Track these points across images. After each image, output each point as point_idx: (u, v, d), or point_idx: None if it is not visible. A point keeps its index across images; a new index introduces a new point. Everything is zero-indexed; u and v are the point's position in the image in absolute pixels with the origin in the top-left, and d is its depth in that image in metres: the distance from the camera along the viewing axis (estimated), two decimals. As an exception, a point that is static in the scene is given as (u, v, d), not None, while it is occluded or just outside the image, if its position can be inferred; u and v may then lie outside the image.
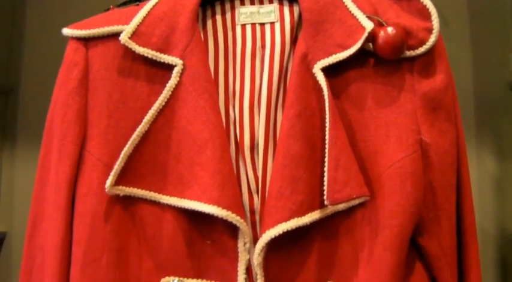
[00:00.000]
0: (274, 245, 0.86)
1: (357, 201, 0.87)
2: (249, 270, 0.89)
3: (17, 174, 1.34)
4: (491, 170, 1.33)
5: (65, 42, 0.94)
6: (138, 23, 0.90)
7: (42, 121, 0.95)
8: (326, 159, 0.86)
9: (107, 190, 0.86)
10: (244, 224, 0.86)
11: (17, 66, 1.37)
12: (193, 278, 0.88)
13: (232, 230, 0.88)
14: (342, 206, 0.87)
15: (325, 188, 0.85)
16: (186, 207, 0.87)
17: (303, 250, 0.89)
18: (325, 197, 0.84)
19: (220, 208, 0.84)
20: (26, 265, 0.93)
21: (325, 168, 0.85)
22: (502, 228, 1.32)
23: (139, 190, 0.89)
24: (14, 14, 1.36)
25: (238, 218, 0.85)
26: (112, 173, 0.86)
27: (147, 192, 0.89)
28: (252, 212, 0.90)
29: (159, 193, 0.89)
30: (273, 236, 0.85)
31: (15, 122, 1.36)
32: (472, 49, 1.36)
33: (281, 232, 0.85)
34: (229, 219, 0.85)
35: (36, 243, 0.93)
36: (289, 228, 0.85)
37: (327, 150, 0.86)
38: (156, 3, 0.92)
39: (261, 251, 0.86)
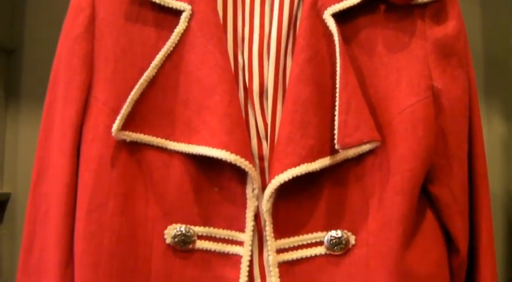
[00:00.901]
0: (283, 191, 0.85)
1: (367, 147, 0.86)
2: (257, 217, 0.87)
3: (21, 136, 1.33)
4: (500, 132, 1.32)
5: (68, 2, 0.93)
6: None
7: (46, 82, 0.94)
8: (337, 103, 0.84)
9: (113, 134, 0.85)
10: (253, 169, 0.84)
11: (20, 26, 1.35)
12: (200, 225, 0.87)
13: (241, 176, 0.86)
14: (352, 153, 0.86)
15: (335, 132, 0.83)
16: (194, 153, 0.85)
17: (312, 197, 0.88)
18: (335, 141, 0.83)
19: (228, 152, 0.83)
20: (31, 214, 0.92)
21: (336, 112, 0.84)
22: (510, 190, 1.30)
23: (146, 136, 0.87)
24: (16, -26, 1.35)
25: (247, 162, 0.84)
26: (119, 117, 0.85)
27: (154, 138, 0.87)
28: (261, 158, 0.89)
29: (166, 139, 0.87)
30: (282, 182, 0.83)
31: (18, 83, 1.34)
32: (482, 10, 1.35)
33: (290, 177, 0.83)
34: (238, 164, 0.83)
35: (41, 191, 0.91)
36: (299, 174, 0.84)
37: (337, 95, 0.84)
38: None
39: (270, 197, 0.84)
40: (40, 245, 0.91)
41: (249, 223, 0.86)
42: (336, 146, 0.83)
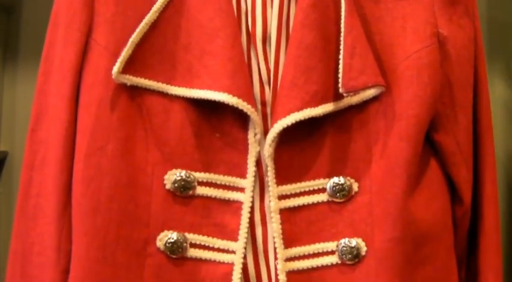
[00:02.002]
0: (285, 137, 0.84)
1: (372, 93, 0.84)
2: (259, 163, 0.86)
3: (19, 93, 1.31)
4: (502, 95, 1.31)
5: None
6: None
7: (45, 40, 0.92)
8: (341, 47, 0.83)
9: (113, 77, 0.83)
10: (255, 113, 0.83)
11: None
12: (200, 171, 0.85)
13: (243, 122, 0.85)
14: (356, 99, 0.85)
15: (340, 75, 0.82)
16: (195, 97, 0.84)
17: (315, 144, 0.86)
18: (340, 85, 0.82)
19: (231, 96, 0.82)
20: (28, 160, 0.90)
21: (340, 56, 0.83)
22: (510, 151, 1.30)
23: (147, 80, 0.85)
24: None
25: (249, 106, 0.82)
26: (119, 60, 0.83)
27: (155, 82, 0.86)
28: (263, 103, 0.88)
29: (167, 84, 0.86)
30: (285, 126, 0.82)
31: (17, 40, 1.32)
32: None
33: (293, 122, 0.82)
34: (240, 107, 0.82)
35: (39, 136, 0.90)
36: (302, 118, 0.82)
37: (342, 39, 0.83)
38: None
39: (272, 141, 0.83)
40: (37, 191, 0.89)
41: (251, 169, 0.85)
42: (340, 90, 0.82)
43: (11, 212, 1.28)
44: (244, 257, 0.85)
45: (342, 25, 0.83)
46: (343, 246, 0.84)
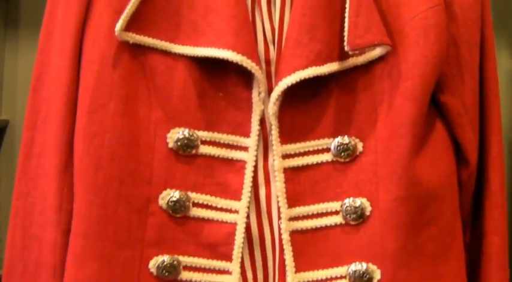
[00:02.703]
0: (290, 96, 0.83)
1: (377, 52, 0.83)
2: (262, 123, 0.85)
3: (20, 61, 1.30)
4: (506, 66, 1.30)
5: None
6: None
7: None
8: (347, 5, 0.82)
9: (116, 34, 0.82)
10: (260, 71, 0.82)
11: None
12: (204, 130, 0.85)
13: (246, 81, 0.84)
14: (361, 59, 0.84)
15: (345, 33, 0.81)
16: (199, 56, 0.83)
17: (320, 104, 0.85)
18: (345, 43, 0.81)
19: (235, 53, 0.81)
20: (30, 120, 0.89)
21: (346, 15, 0.82)
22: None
23: (150, 39, 0.84)
24: None
25: (253, 64, 0.81)
26: (122, 16, 0.82)
27: (158, 41, 0.85)
28: (268, 62, 0.87)
29: (171, 42, 0.84)
30: (289, 84, 0.81)
31: (18, 7, 1.31)
32: None
33: (298, 80, 0.81)
34: (244, 65, 0.81)
35: (41, 95, 0.89)
36: (307, 76, 0.81)
37: None
38: None
39: (277, 100, 0.82)
40: (39, 150, 0.89)
41: (254, 127, 0.84)
42: (346, 48, 0.81)
43: (12, 180, 1.26)
44: (248, 217, 0.84)
45: None
46: (348, 206, 0.83)
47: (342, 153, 0.84)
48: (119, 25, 0.82)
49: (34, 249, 0.88)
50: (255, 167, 0.85)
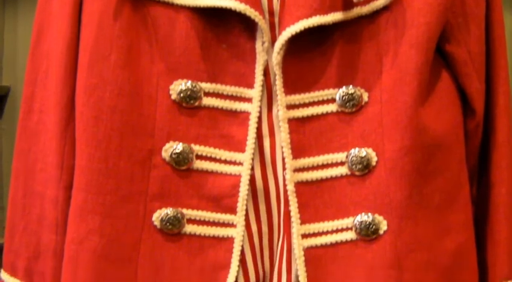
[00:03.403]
0: (294, 47, 0.82)
1: (382, 2, 0.82)
2: (266, 74, 0.84)
3: (20, 28, 1.29)
4: (510, 25, 1.28)
5: None
6: None
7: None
8: None
9: (117, -15, 0.81)
10: (263, 20, 0.81)
11: None
12: (207, 81, 0.83)
13: (250, 32, 0.83)
14: (366, 9, 0.83)
15: (350, -21, 0.80)
16: (201, 6, 0.82)
17: (324, 54, 0.84)
18: None
19: (238, 2, 0.79)
20: (30, 76, 0.88)
21: (350, -38, 0.80)
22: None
23: (151, -10, 0.83)
24: None
25: (257, 13, 0.80)
26: (123, -32, 0.81)
27: (160, -8, 0.83)
28: (271, 13, 0.85)
29: (173, -7, 0.83)
30: (293, 33, 0.80)
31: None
32: None
33: (302, 29, 0.80)
34: (248, 14, 0.79)
35: (42, 50, 0.88)
36: (311, 25, 0.80)
37: None
38: None
39: (281, 49, 0.81)
40: (39, 106, 0.88)
41: (258, 78, 0.83)
42: None
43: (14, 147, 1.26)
44: (252, 169, 0.83)
45: None
46: (353, 157, 0.82)
47: (347, 104, 0.83)
48: (119, -24, 0.81)
49: (36, 207, 0.88)
50: (259, 118, 0.84)
